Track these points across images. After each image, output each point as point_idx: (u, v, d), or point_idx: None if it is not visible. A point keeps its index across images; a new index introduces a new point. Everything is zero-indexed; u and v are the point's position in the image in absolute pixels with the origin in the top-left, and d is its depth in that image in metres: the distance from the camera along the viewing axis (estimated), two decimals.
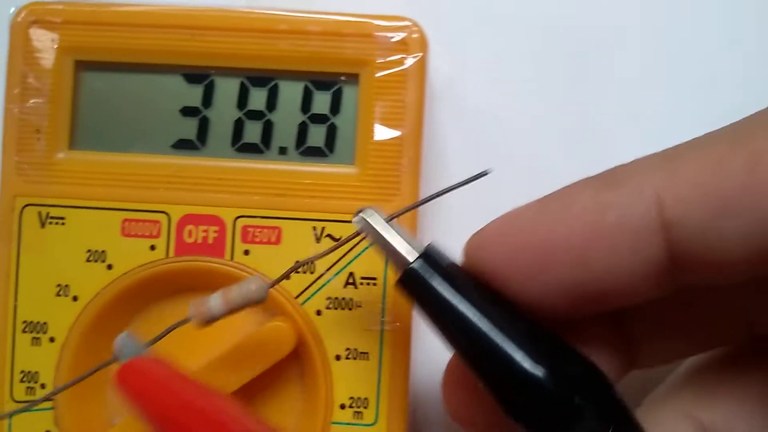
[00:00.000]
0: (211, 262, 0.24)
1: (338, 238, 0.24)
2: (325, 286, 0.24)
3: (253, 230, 0.24)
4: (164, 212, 0.24)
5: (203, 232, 0.24)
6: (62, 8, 0.24)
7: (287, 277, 0.21)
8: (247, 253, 0.24)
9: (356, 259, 0.24)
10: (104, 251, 0.24)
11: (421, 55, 0.24)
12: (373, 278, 0.24)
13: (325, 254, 0.21)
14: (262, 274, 0.24)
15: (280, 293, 0.24)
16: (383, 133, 0.24)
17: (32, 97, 0.24)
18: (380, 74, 0.24)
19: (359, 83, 0.24)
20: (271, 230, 0.24)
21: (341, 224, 0.24)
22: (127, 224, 0.24)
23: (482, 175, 0.19)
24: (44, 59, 0.24)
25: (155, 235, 0.24)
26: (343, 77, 0.24)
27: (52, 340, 0.24)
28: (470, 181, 0.19)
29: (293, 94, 0.24)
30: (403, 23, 0.24)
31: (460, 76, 0.24)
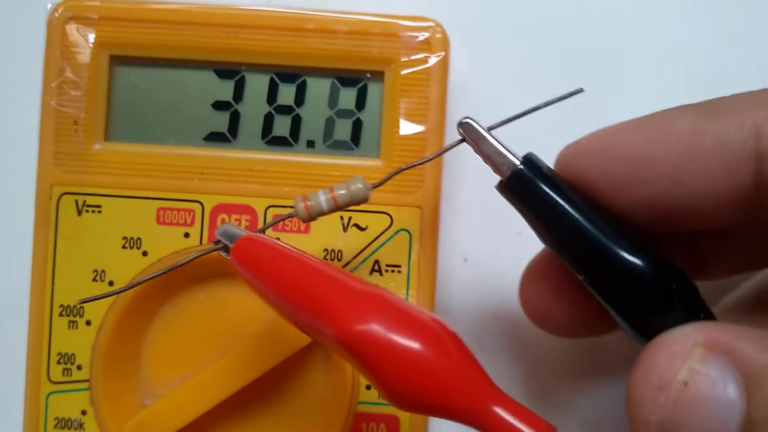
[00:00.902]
0: None
1: (364, 227, 0.25)
2: (352, 273, 0.25)
3: (283, 222, 0.25)
4: (198, 201, 0.25)
5: (236, 220, 0.25)
6: (98, 5, 0.25)
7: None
8: (277, 240, 0.25)
9: (382, 247, 0.25)
10: (140, 238, 0.25)
11: (443, 54, 0.25)
12: (397, 266, 0.25)
13: (431, 159, 0.22)
14: None
15: None
16: (408, 128, 0.25)
17: (70, 90, 0.25)
18: (405, 72, 0.25)
19: (384, 80, 0.25)
20: (299, 220, 0.25)
21: (367, 214, 0.25)
22: (162, 213, 0.25)
23: (577, 92, 0.20)
24: (81, 54, 0.25)
25: (189, 223, 0.25)
26: (368, 74, 0.25)
27: (88, 323, 0.25)
28: (566, 97, 0.20)
29: (321, 90, 0.25)
30: (426, 23, 0.25)
31: (478, 73, 0.25)
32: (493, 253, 0.27)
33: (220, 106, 0.25)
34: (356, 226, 0.25)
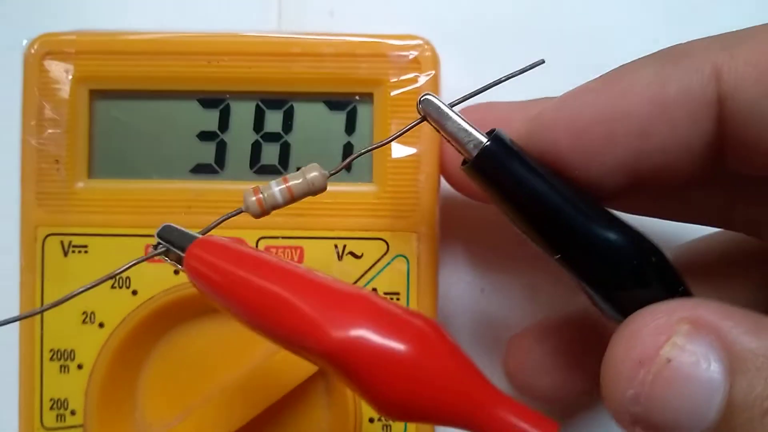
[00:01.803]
0: None
1: (360, 255, 0.24)
2: None
3: (275, 250, 0.24)
4: None
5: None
6: (75, 39, 0.24)
7: (348, 167, 0.20)
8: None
9: (379, 275, 0.24)
10: (128, 277, 0.24)
11: (433, 72, 0.24)
12: (396, 293, 0.24)
13: (390, 141, 0.20)
14: None
15: None
16: (400, 150, 0.24)
17: (49, 127, 0.24)
18: (395, 93, 0.24)
19: (374, 102, 0.24)
20: (293, 250, 0.24)
21: (363, 241, 0.24)
22: (150, 249, 0.24)
23: (538, 64, 0.20)
24: (59, 90, 0.24)
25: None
26: (357, 97, 0.25)
27: (80, 367, 0.24)
28: (526, 69, 0.19)
29: (309, 115, 0.25)
30: (415, 42, 0.24)
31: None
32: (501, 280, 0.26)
33: (205, 136, 0.25)
34: (351, 254, 0.24)
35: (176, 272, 0.24)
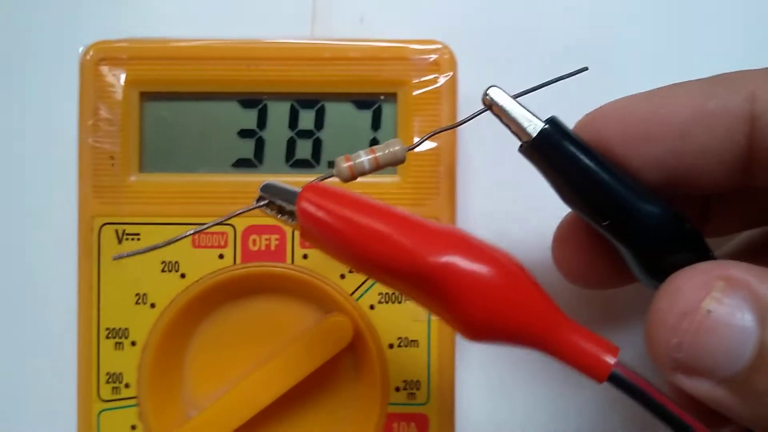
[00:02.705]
0: (274, 266, 0.27)
1: None
2: (377, 282, 0.26)
3: None
4: (230, 224, 0.27)
5: (266, 240, 0.27)
6: (127, 46, 0.27)
7: (423, 141, 0.23)
8: (305, 257, 0.27)
9: None
10: (177, 262, 0.27)
11: (451, 74, 0.27)
12: None
13: (459, 124, 0.23)
14: (319, 273, 0.26)
15: (336, 291, 0.26)
16: (421, 145, 0.26)
17: (104, 127, 0.27)
18: (417, 92, 0.27)
19: (397, 101, 0.27)
20: None
21: None
22: (196, 237, 0.27)
23: (582, 70, 0.22)
24: (113, 92, 0.27)
25: (223, 245, 0.27)
26: (382, 96, 0.27)
27: (133, 344, 0.27)
28: (571, 75, 0.22)
29: (338, 113, 0.27)
30: (435, 46, 0.27)
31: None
32: None
33: (245, 134, 0.27)
34: None
35: (220, 257, 0.27)
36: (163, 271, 0.27)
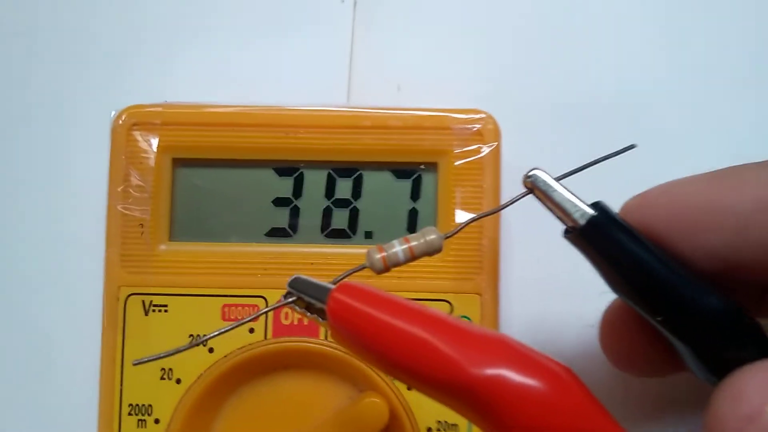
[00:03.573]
0: (307, 342, 0.25)
1: None
2: None
3: None
4: (262, 296, 0.26)
5: (299, 314, 0.25)
6: (161, 111, 0.26)
7: (461, 229, 0.21)
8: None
9: None
10: (206, 335, 0.25)
11: (496, 144, 0.26)
12: None
13: (500, 209, 0.22)
14: None
15: (372, 369, 0.25)
16: (463, 216, 0.25)
17: (135, 193, 0.26)
18: (459, 162, 0.26)
19: (438, 171, 0.26)
20: None
21: (428, 303, 0.25)
22: (226, 309, 0.26)
23: (630, 148, 0.21)
24: (146, 158, 0.26)
25: (254, 318, 0.25)
26: (422, 166, 0.26)
27: (157, 421, 0.25)
28: (618, 153, 0.21)
29: (376, 182, 0.26)
30: (478, 116, 0.26)
31: (531, 159, 0.26)
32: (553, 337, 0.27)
33: (280, 202, 0.26)
34: None
35: (251, 331, 0.25)
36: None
